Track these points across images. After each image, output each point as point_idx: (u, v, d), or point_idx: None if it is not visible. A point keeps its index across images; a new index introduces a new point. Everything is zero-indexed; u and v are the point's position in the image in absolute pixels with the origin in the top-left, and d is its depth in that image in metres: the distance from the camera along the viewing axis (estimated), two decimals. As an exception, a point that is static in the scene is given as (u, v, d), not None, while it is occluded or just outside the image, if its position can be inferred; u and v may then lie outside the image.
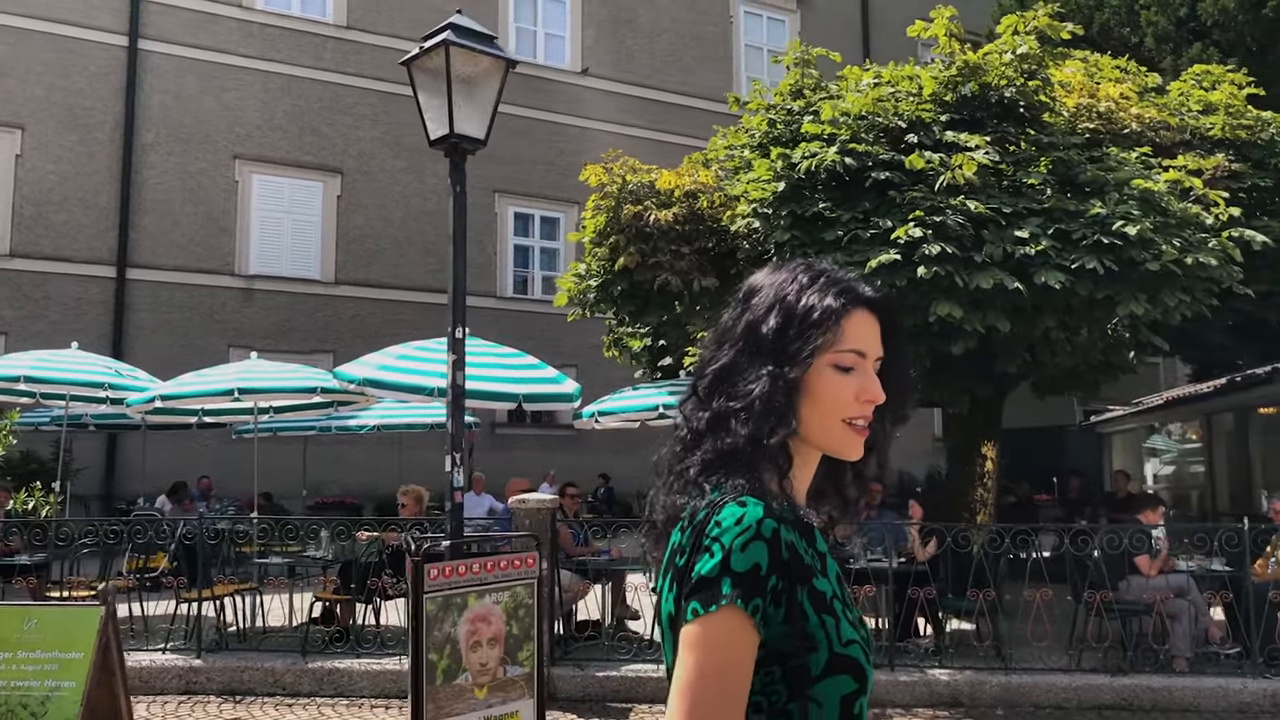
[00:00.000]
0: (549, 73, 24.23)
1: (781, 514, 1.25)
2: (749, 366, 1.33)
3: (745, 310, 1.38)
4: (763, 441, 1.29)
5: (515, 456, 22.72)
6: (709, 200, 8.73)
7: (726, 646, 1.17)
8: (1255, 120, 9.68)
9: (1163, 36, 18.77)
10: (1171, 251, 7.19)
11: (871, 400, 1.33)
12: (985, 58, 8.28)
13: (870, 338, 1.35)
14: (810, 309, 1.32)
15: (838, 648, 1.24)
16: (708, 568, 1.19)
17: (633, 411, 9.12)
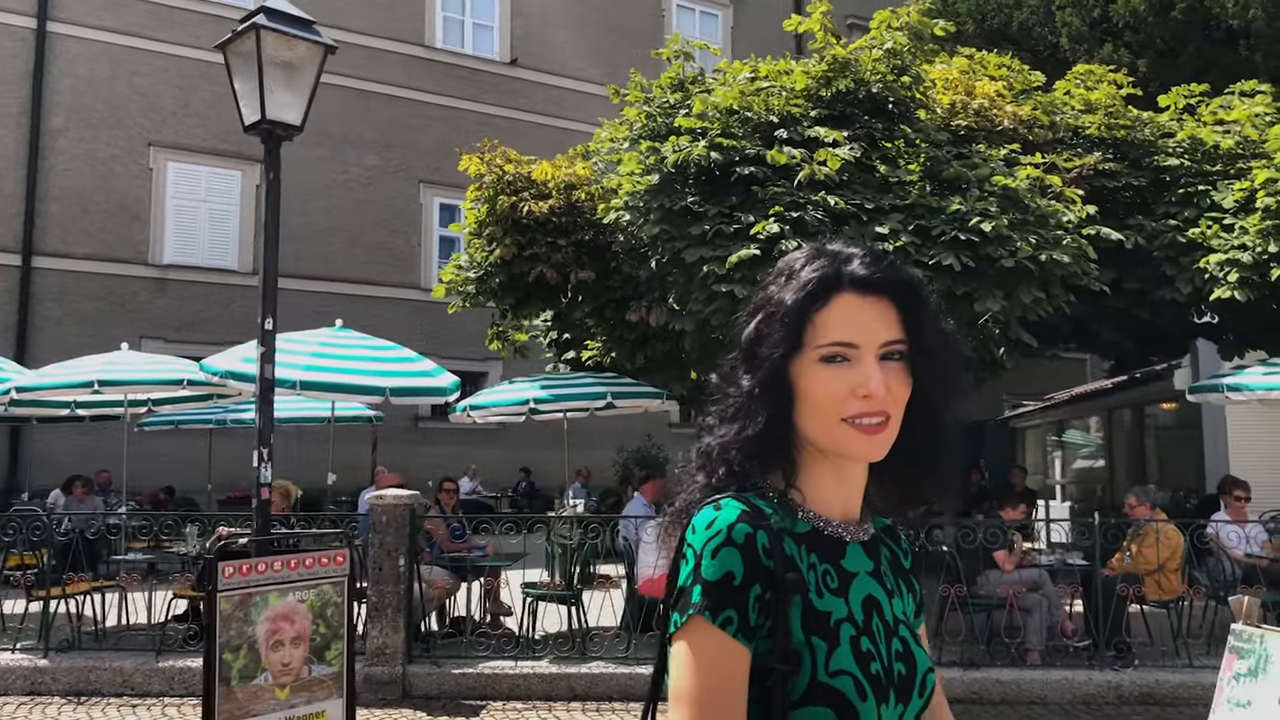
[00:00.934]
0: (476, 63, 24.03)
1: (774, 519, 1.17)
2: (733, 373, 1.27)
3: (757, 294, 1.32)
4: (732, 449, 1.22)
5: (439, 451, 22.55)
6: (586, 192, 8.66)
7: (702, 661, 1.09)
8: (1133, 120, 9.79)
9: (1077, 37, 19.03)
10: (1027, 248, 7.25)
11: (868, 394, 1.18)
12: (857, 53, 8.28)
13: (865, 324, 1.21)
14: (775, 309, 1.24)
15: (822, 675, 1.13)
16: (683, 576, 1.14)
17: (504, 406, 9.04)
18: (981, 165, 7.79)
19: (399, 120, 22.87)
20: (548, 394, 8.72)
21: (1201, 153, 9.55)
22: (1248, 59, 17.74)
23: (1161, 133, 9.75)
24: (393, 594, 7.36)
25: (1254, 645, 3.67)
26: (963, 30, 21.29)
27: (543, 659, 7.57)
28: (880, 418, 1.19)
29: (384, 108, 22.90)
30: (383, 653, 7.31)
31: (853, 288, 1.22)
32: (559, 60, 24.85)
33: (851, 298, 1.22)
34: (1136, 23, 18.39)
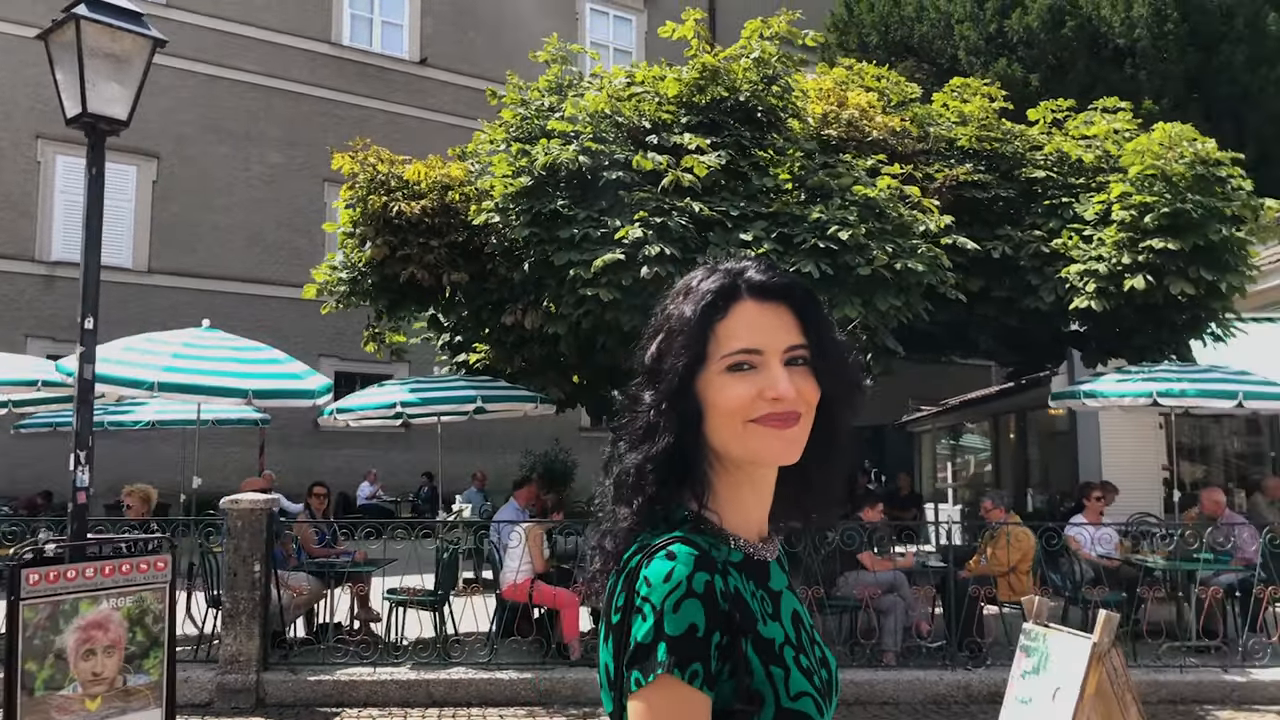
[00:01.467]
0: (385, 61, 23.73)
1: (720, 557, 1.16)
2: (660, 363, 1.23)
3: (659, 314, 1.28)
4: (687, 439, 1.19)
5: (343, 455, 22.21)
6: (461, 194, 8.60)
7: (671, 717, 1.08)
8: (1004, 133, 10.05)
9: (974, 50, 19.49)
10: (883, 257, 7.39)
11: (776, 396, 1.18)
12: (728, 62, 8.36)
13: (767, 330, 1.21)
14: (674, 326, 1.23)
15: (785, 701, 1.14)
16: (642, 633, 1.10)
17: (370, 409, 8.93)
18: (845, 175, 7.91)
19: (304, 118, 22.46)
20: (416, 398, 8.64)
21: (1067, 166, 9.85)
22: (1133, 76, 18.37)
23: (1031, 145, 10.04)
24: (247, 600, 7.20)
25: (1038, 644, 3.79)
26: (867, 41, 21.71)
27: (403, 665, 7.48)
28: (790, 414, 1.20)
29: (288, 105, 22.48)
30: (236, 660, 7.15)
31: (751, 295, 1.23)
32: (470, 60, 24.64)
33: (751, 305, 1.22)
34: (1030, 38, 18.91)
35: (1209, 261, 8.51)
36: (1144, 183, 8.71)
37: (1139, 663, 7.57)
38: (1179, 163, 8.54)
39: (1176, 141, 8.58)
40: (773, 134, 8.31)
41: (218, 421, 12.71)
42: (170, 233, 20.74)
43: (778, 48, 8.48)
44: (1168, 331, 9.23)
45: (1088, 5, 18.91)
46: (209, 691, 7.11)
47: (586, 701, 7.15)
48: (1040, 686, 3.74)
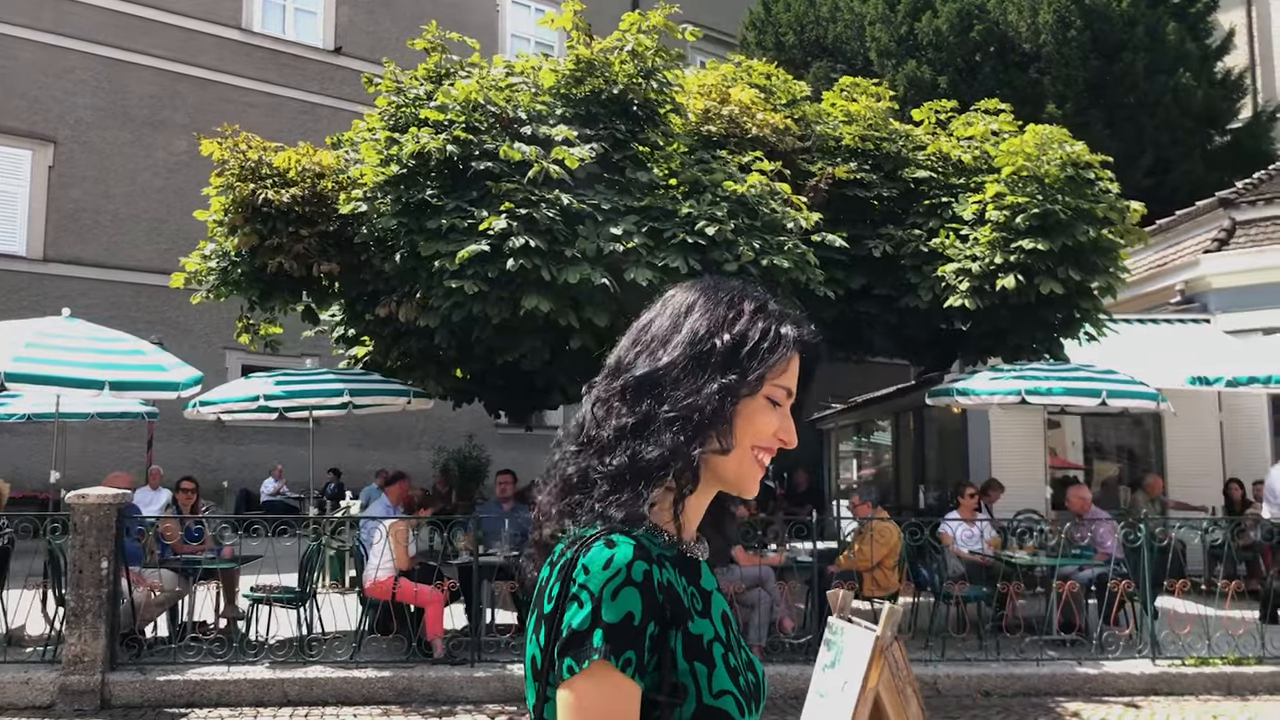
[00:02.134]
0: (298, 49, 23.27)
1: (656, 550, 1.17)
2: (689, 377, 1.23)
3: (685, 321, 1.28)
4: (690, 453, 1.20)
5: (248, 450, 21.75)
6: (334, 182, 8.41)
7: (602, 705, 1.09)
8: (890, 133, 10.14)
9: (885, 52, 19.71)
10: (749, 254, 7.39)
11: (785, 442, 1.29)
12: (605, 55, 8.30)
13: (796, 380, 1.30)
14: (767, 332, 1.26)
15: (707, 699, 1.14)
16: (578, 620, 1.10)
17: (233, 403, 8.69)
18: (717, 171, 7.90)
19: (211, 105, 21.85)
20: (281, 391, 8.43)
21: (950, 166, 9.97)
22: (1037, 81, 18.72)
23: (916, 146, 10.14)
24: (94, 599, 6.96)
25: (837, 638, 3.77)
26: (783, 40, 21.84)
27: (259, 664, 7.30)
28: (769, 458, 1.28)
29: (196, 91, 21.90)
30: (80, 661, 6.90)
31: (802, 345, 1.30)
32: (386, 50, 24.17)
33: (798, 356, 1.30)
34: (939, 41, 19.16)
35: (1078, 262, 8.68)
36: (1017, 184, 8.84)
37: (999, 656, 7.69)
38: (1050, 164, 8.68)
39: (1048, 143, 8.72)
40: (650, 128, 8.26)
41: (100, 415, 12.32)
42: (68, 220, 20.10)
43: (655, 41, 8.42)
44: (1042, 331, 9.39)
45: (996, 10, 19.23)
46: (51, 693, 6.87)
47: (445, 699, 7.04)
48: (834, 680, 3.74)
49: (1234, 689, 7.35)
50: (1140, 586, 7.78)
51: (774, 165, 8.18)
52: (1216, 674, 7.42)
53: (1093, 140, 18.20)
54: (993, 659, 7.64)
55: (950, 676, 7.32)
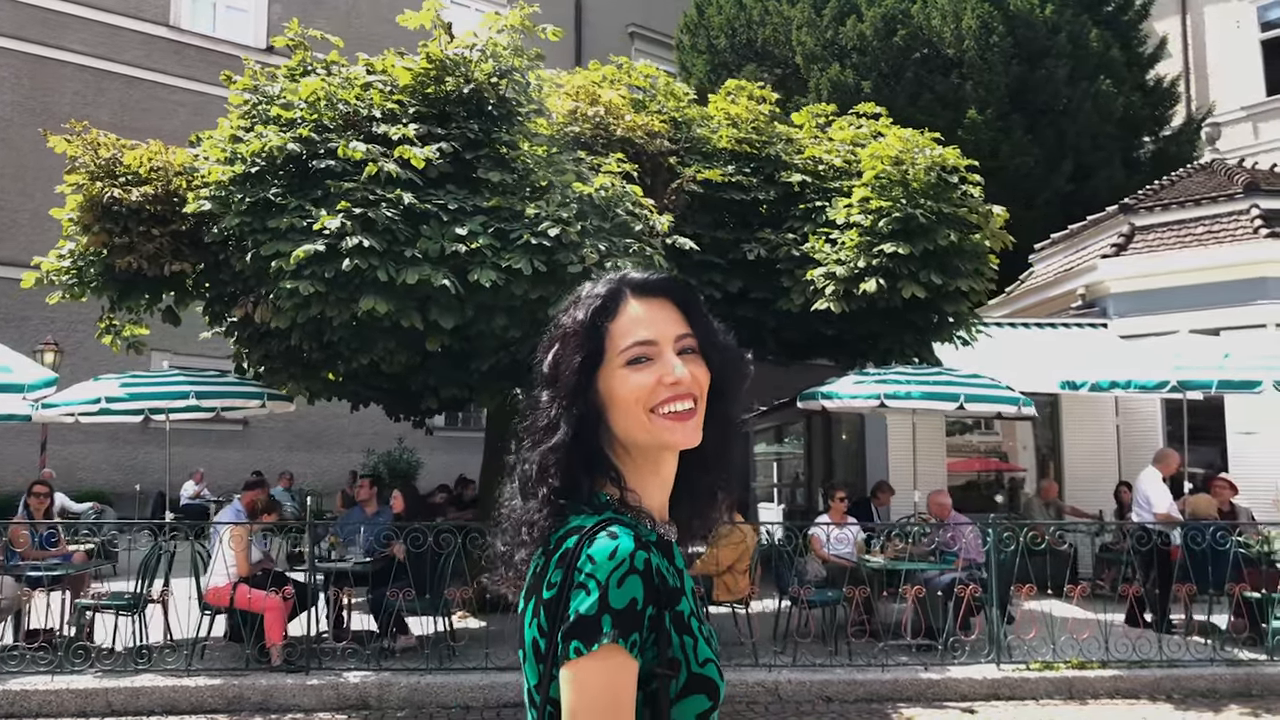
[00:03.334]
0: (228, 47, 22.98)
1: (647, 538, 1.25)
2: (561, 367, 1.33)
3: (555, 323, 1.38)
4: (593, 431, 1.30)
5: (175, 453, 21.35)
6: (186, 180, 8.26)
7: (611, 682, 1.17)
8: (769, 136, 10.11)
9: (810, 56, 19.72)
10: (593, 256, 7.31)
11: (674, 381, 1.29)
12: (461, 54, 8.20)
13: (658, 323, 1.33)
14: (590, 303, 1.34)
15: (695, 668, 1.24)
16: (585, 605, 1.18)
17: (76, 405, 8.50)
18: (568, 172, 7.82)
19: (138, 103, 21.63)
20: (125, 393, 8.26)
21: (831, 170, 9.95)
22: (959, 86, 18.79)
23: (796, 150, 10.11)
24: (-89, 606, 6.77)
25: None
26: (715, 44, 21.83)
27: (86, 673, 7.13)
28: (689, 402, 1.31)
29: (121, 89, 21.63)
30: (-104, 670, 6.72)
31: (634, 294, 1.35)
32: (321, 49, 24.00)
33: (636, 303, 1.34)
34: (863, 46, 19.20)
35: (941, 266, 8.67)
36: (884, 188, 8.83)
37: (841, 662, 7.65)
38: (916, 169, 8.67)
39: (910, 147, 8.71)
40: (507, 128, 8.16)
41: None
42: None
43: (509, 40, 8.34)
44: (911, 334, 9.38)
45: (919, 16, 19.28)
46: None
47: (275, 708, 6.92)
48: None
49: (1075, 693, 7.35)
50: (988, 591, 7.77)
51: (629, 167, 8.10)
52: (1059, 678, 7.42)
53: (1014, 145, 18.47)
54: (834, 665, 7.60)
55: (792, 682, 7.26)
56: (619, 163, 8.24)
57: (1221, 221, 12.66)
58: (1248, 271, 11.98)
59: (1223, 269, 12.13)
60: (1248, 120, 24.34)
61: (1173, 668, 7.59)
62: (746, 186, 9.80)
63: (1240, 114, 24.14)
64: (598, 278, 1.42)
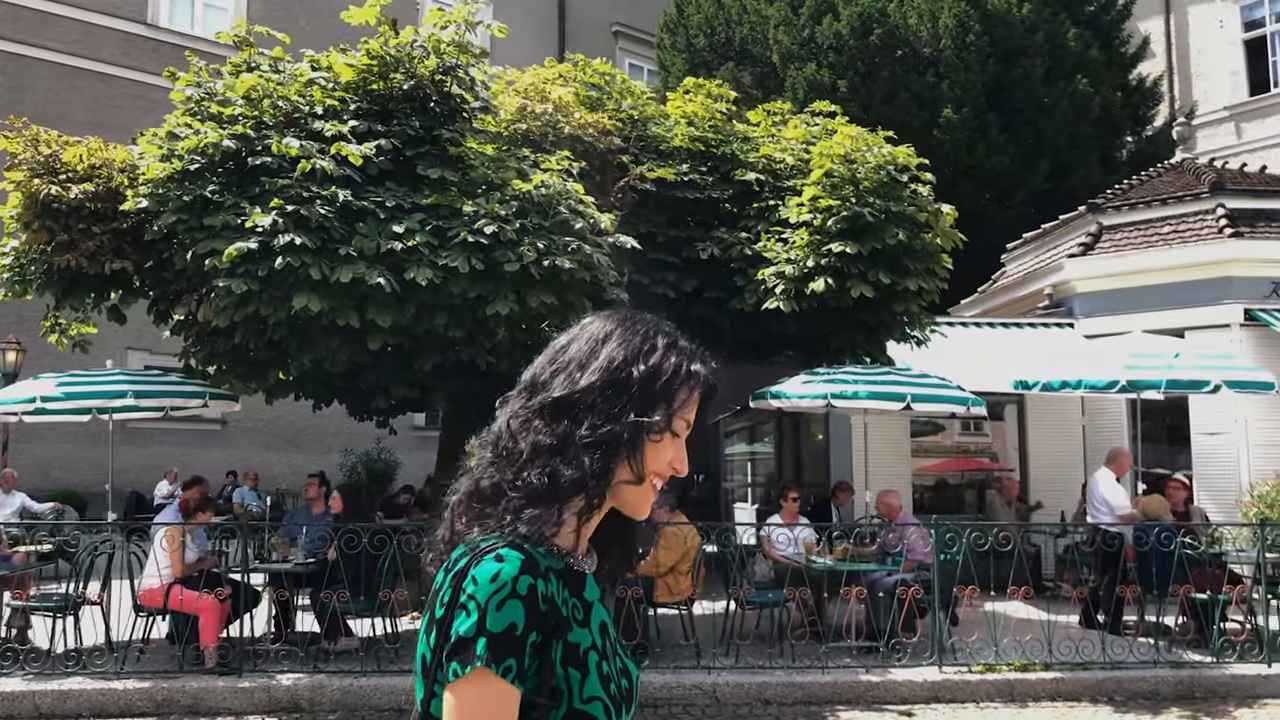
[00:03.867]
0: (206, 45, 22.87)
1: (544, 563, 1.24)
2: (606, 404, 1.30)
3: (602, 349, 1.34)
4: (599, 473, 1.28)
5: (153, 453, 21.35)
6: (128, 178, 8.19)
7: (484, 708, 1.17)
8: (726, 134, 10.05)
9: (787, 56, 19.66)
10: (530, 254, 7.24)
11: (679, 471, 1.36)
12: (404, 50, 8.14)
13: (693, 414, 1.38)
14: (679, 368, 1.33)
15: (577, 703, 1.23)
16: (464, 627, 1.18)
17: (12, 404, 8.39)
18: (509, 169, 7.76)
19: (113, 100, 21.53)
20: (61, 392, 8.18)
21: (785, 168, 9.88)
22: (934, 85, 18.73)
23: (752, 148, 10.05)
24: None
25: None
26: (694, 43, 21.76)
27: (15, 676, 7.06)
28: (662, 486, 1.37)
29: (96, 86, 21.54)
30: None
31: (703, 387, 1.38)
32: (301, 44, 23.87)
33: (699, 392, 1.37)
34: (839, 45, 19.14)
35: (889, 265, 8.61)
36: (835, 187, 8.76)
37: (782, 664, 7.59)
38: (866, 167, 8.61)
39: (858, 146, 8.64)
40: (450, 124, 8.09)
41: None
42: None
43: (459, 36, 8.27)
44: (862, 334, 9.32)
45: (896, 15, 19.22)
46: None
47: (206, 711, 6.84)
48: None
49: (1016, 695, 7.28)
50: (930, 592, 7.70)
51: (577, 164, 8.04)
52: (1001, 680, 7.35)
53: (989, 144, 18.42)
54: (774, 667, 7.54)
55: (730, 684, 7.19)
56: (563, 160, 8.17)
57: (1188, 221, 12.60)
58: (1212, 271, 11.93)
59: (1187, 269, 12.07)
60: (1231, 120, 24.32)
61: (1116, 669, 7.53)
62: (701, 185, 9.75)
63: (1224, 114, 24.14)
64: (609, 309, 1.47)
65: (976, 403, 8.67)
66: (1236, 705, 7.15)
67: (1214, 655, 7.78)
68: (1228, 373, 8.56)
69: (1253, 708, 7.11)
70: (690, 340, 1.42)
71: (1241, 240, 11.85)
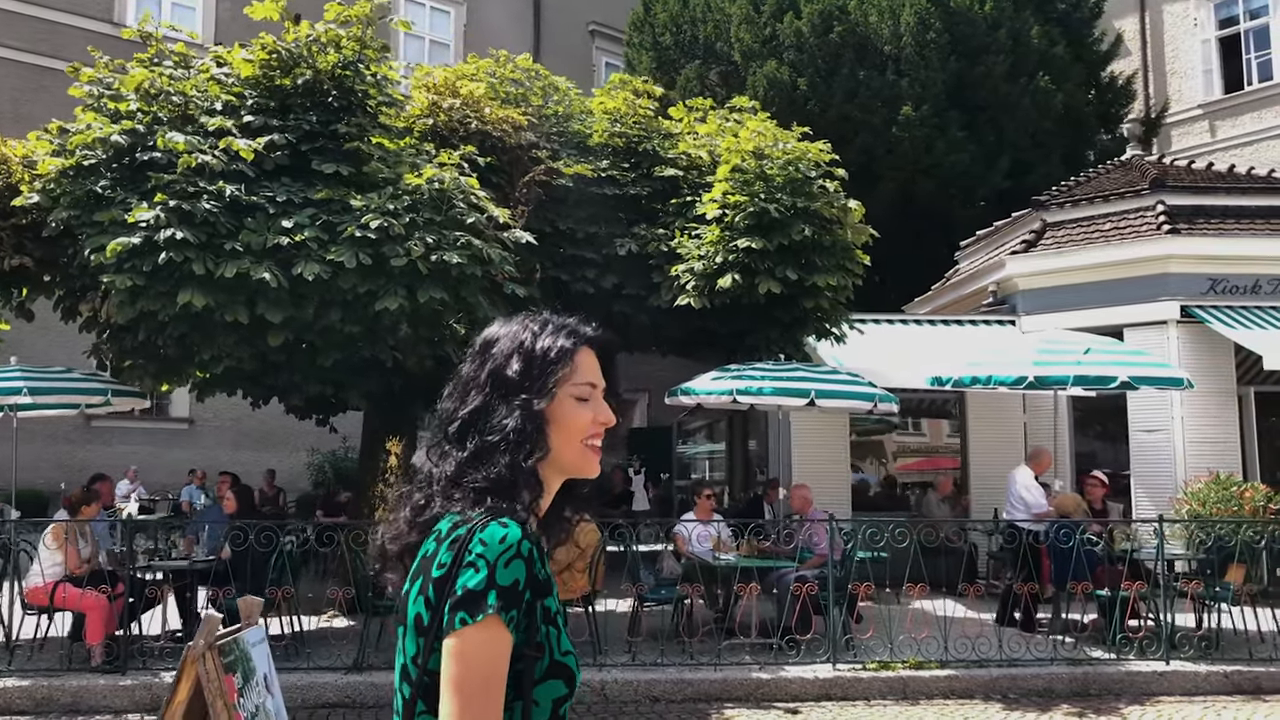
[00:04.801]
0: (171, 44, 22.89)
1: (533, 535, 1.39)
2: (499, 405, 1.46)
3: (486, 359, 1.51)
4: (522, 465, 1.43)
5: (119, 452, 21.32)
6: (28, 173, 8.15)
7: (491, 651, 1.30)
8: (649, 130, 10.00)
9: (748, 53, 19.59)
10: (418, 249, 7.19)
11: (606, 423, 1.52)
12: (304, 45, 8.09)
13: (597, 371, 1.54)
14: (548, 349, 1.49)
15: (557, 655, 1.39)
16: (474, 582, 1.31)
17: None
18: (404, 164, 7.72)
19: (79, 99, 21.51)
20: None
21: (708, 164, 9.83)
22: (895, 83, 18.66)
23: (672, 145, 10.00)
24: None
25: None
26: (660, 41, 21.70)
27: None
28: (601, 440, 1.53)
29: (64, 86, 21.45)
30: None
31: (588, 342, 1.55)
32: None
33: (589, 350, 1.55)
34: (800, 43, 19.07)
35: (797, 261, 8.55)
36: (747, 182, 8.71)
37: (674, 661, 7.53)
38: (774, 164, 8.55)
39: (767, 142, 8.59)
40: (349, 119, 8.05)
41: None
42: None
43: (361, 31, 8.23)
44: (777, 330, 9.26)
45: (857, 12, 19.15)
46: None
47: (85, 709, 6.80)
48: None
49: (909, 693, 7.22)
50: (824, 589, 7.65)
51: (473, 159, 7.99)
52: (894, 678, 7.29)
53: (949, 142, 18.35)
54: (668, 664, 7.48)
55: (619, 682, 7.15)
56: (454, 156, 8.10)
57: (1129, 218, 12.54)
58: (1150, 268, 11.86)
59: (1126, 265, 12.01)
60: (1205, 118, 24.26)
61: (1011, 667, 7.47)
62: (622, 181, 9.70)
63: (1198, 112, 24.08)
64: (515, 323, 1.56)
65: (885, 399, 8.61)
66: (1130, 702, 7.10)
67: (1115, 652, 7.72)
68: (1135, 369, 8.49)
69: (1145, 705, 7.06)
70: (568, 317, 1.58)
71: (1178, 237, 11.79)
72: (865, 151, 18.76)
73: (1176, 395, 11.71)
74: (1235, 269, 11.75)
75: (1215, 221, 12.18)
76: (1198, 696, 7.24)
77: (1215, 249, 11.80)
